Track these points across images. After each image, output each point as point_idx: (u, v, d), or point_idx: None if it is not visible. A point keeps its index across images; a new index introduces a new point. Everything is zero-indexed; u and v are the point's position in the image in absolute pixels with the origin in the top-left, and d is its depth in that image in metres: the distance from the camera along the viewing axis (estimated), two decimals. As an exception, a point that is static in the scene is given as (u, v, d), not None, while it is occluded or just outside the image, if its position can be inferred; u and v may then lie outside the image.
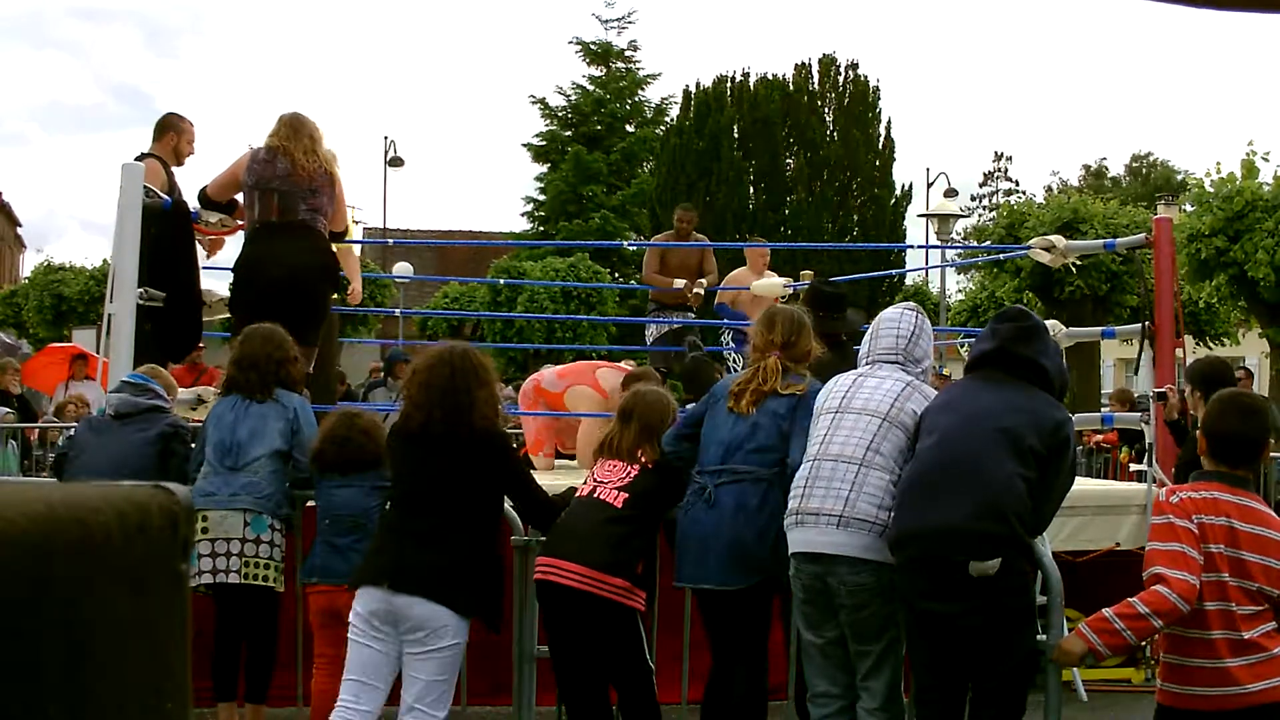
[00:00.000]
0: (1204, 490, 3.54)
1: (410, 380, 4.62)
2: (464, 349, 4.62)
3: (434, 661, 4.30)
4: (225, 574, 4.97)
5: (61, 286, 26.94)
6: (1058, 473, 4.03)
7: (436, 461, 4.43)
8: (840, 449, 4.22)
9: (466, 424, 4.41)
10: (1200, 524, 3.47)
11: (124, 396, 5.42)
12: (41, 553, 0.82)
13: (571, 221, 31.70)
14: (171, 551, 0.96)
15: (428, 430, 4.44)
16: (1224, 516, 3.48)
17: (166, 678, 0.95)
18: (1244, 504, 3.53)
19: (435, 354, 4.58)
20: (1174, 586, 3.39)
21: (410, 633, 4.30)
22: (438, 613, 4.27)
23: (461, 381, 4.44)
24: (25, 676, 0.80)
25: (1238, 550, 3.46)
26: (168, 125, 7.00)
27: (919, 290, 26.55)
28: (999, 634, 3.93)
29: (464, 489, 4.40)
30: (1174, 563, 3.42)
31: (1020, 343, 4.18)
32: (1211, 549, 3.45)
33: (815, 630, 4.29)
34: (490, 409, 4.50)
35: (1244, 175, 16.05)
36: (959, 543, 3.86)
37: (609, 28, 35.38)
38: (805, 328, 4.76)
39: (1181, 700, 3.53)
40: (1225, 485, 3.56)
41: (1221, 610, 3.45)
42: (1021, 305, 4.87)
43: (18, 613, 0.80)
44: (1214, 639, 3.46)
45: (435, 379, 4.46)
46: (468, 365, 4.48)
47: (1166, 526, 3.49)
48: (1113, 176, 54.58)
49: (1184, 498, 3.53)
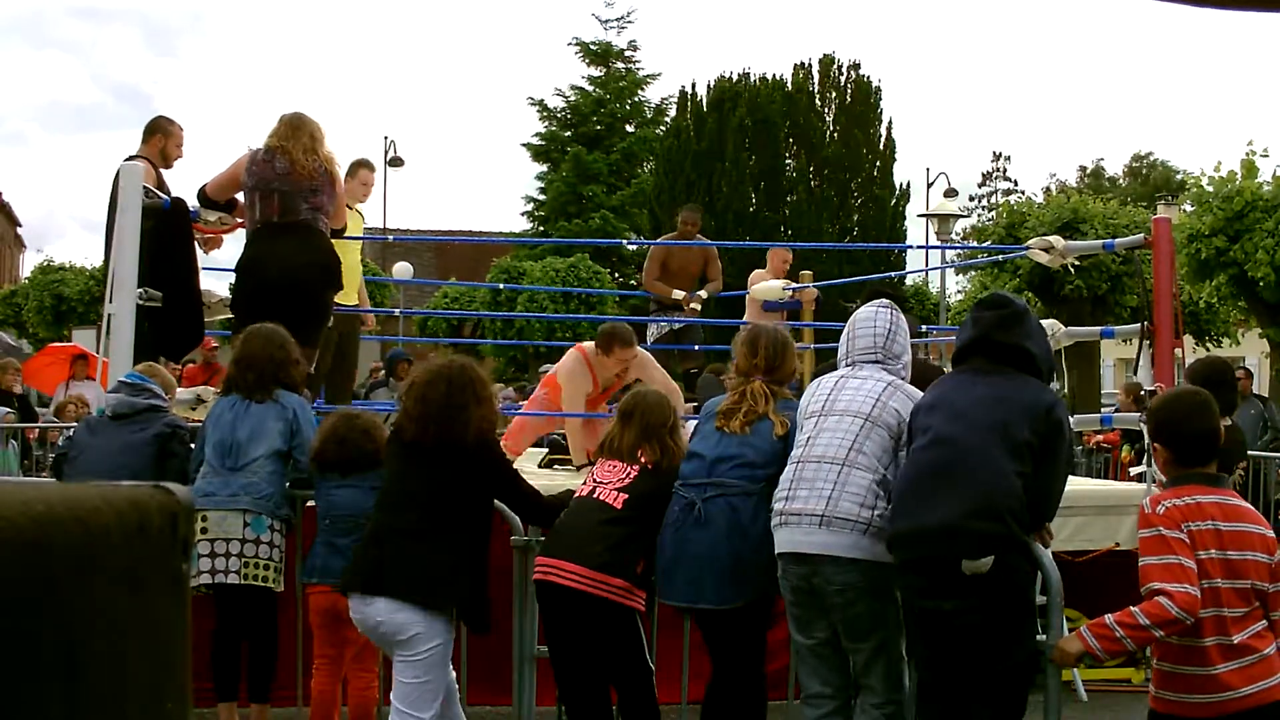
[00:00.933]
0: (1186, 495, 3.52)
1: (407, 393, 4.65)
2: (462, 364, 4.65)
3: (413, 664, 4.32)
4: (224, 574, 4.97)
5: (61, 286, 26.95)
6: (1054, 460, 3.99)
7: (424, 468, 4.46)
8: (823, 450, 4.22)
9: (460, 438, 4.44)
10: (1190, 532, 3.46)
11: (120, 397, 5.41)
12: (41, 553, 0.82)
13: (571, 221, 31.70)
14: (171, 551, 0.96)
15: (420, 443, 4.48)
16: (1209, 520, 3.48)
17: (166, 677, 0.96)
18: (1225, 502, 3.53)
19: (434, 368, 4.61)
20: (1177, 600, 3.38)
21: (390, 638, 4.33)
22: (403, 616, 4.29)
23: (458, 398, 4.46)
24: (25, 676, 0.80)
25: (1225, 551, 3.46)
26: (155, 128, 7.00)
27: (919, 290, 26.54)
28: (996, 633, 3.92)
29: (447, 493, 4.43)
30: (1173, 576, 3.41)
31: (1002, 329, 4.13)
32: (1202, 555, 3.45)
33: (805, 632, 4.30)
34: (486, 424, 4.53)
35: (1244, 175, 16.04)
36: (953, 542, 3.85)
37: (608, 27, 35.42)
38: (789, 347, 4.75)
39: (1174, 707, 3.53)
40: (1204, 486, 3.55)
41: (1214, 616, 3.45)
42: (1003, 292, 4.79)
43: (18, 613, 0.80)
44: (1206, 646, 3.46)
45: (431, 393, 4.48)
46: (464, 380, 4.50)
47: (1158, 539, 3.47)
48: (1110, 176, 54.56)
49: (1170, 506, 3.50)
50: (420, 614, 4.30)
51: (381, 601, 4.32)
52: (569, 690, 4.64)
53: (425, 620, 4.30)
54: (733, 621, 4.41)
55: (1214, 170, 16.37)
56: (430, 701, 4.34)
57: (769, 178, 28.11)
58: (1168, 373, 6.54)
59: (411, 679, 4.32)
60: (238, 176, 6.47)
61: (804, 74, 28.95)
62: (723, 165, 27.58)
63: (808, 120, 28.40)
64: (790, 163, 28.61)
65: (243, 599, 5.09)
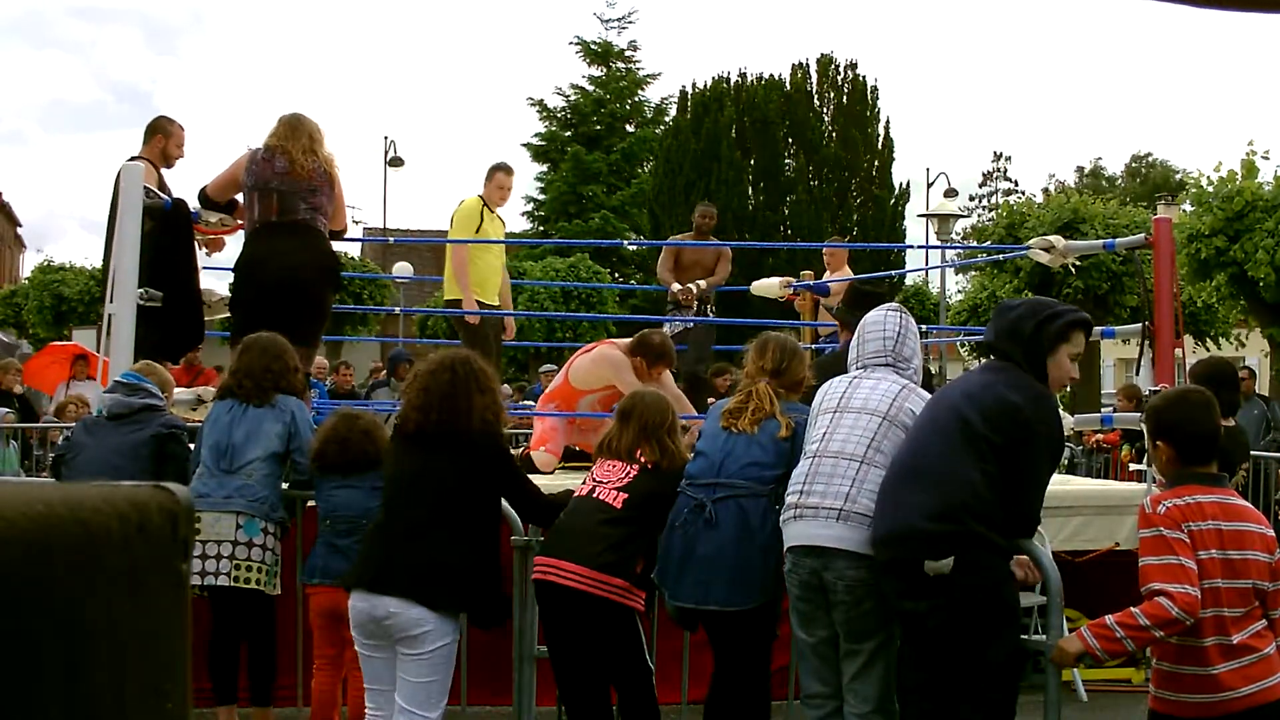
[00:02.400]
0: (1186, 495, 3.52)
1: (411, 383, 4.64)
2: (466, 355, 4.65)
3: (420, 663, 4.29)
4: (215, 576, 4.96)
5: (61, 286, 26.94)
6: (1026, 459, 3.88)
7: (428, 462, 4.43)
8: (841, 446, 4.24)
9: (464, 428, 4.42)
10: (1191, 532, 3.45)
11: (117, 397, 5.39)
12: (41, 553, 0.82)
13: (571, 221, 31.71)
14: (171, 551, 0.96)
15: (423, 431, 4.46)
16: (1210, 520, 3.48)
17: (166, 678, 0.95)
18: (1225, 502, 3.53)
19: (438, 359, 4.60)
20: (1177, 600, 3.38)
21: (398, 633, 4.30)
22: (415, 613, 4.26)
23: (462, 387, 4.45)
24: (25, 676, 0.80)
25: (1226, 551, 3.46)
26: (156, 128, 6.99)
27: (919, 290, 26.54)
28: (969, 632, 3.90)
29: (452, 488, 4.40)
30: (1173, 577, 3.41)
31: (991, 328, 4.16)
32: (1203, 556, 3.45)
33: (808, 629, 4.30)
34: (490, 414, 4.50)
35: (1244, 175, 16.05)
36: (916, 544, 3.87)
37: (609, 27, 35.43)
38: (798, 355, 4.78)
39: (1174, 707, 3.53)
40: (1204, 486, 3.55)
41: (1214, 617, 3.45)
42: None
43: (18, 613, 0.80)
44: (1205, 646, 3.46)
45: (435, 383, 4.47)
46: (469, 371, 4.50)
47: (1158, 540, 3.47)
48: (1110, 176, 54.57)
49: (1170, 506, 3.50)
50: (431, 612, 4.28)
51: (391, 598, 4.30)
52: (569, 690, 4.64)
53: (436, 619, 4.28)
54: (740, 624, 4.41)
55: (1214, 170, 16.38)
56: (437, 701, 4.33)
57: (768, 178, 28.13)
58: (1168, 373, 6.55)
59: (418, 678, 4.30)
60: (237, 176, 6.48)
61: (802, 74, 28.97)
62: (721, 165, 27.59)
63: (806, 120, 28.42)
64: (789, 163, 28.62)
65: (237, 601, 5.08)
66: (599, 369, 7.17)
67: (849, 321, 5.71)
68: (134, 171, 6.44)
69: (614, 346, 7.21)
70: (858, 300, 5.79)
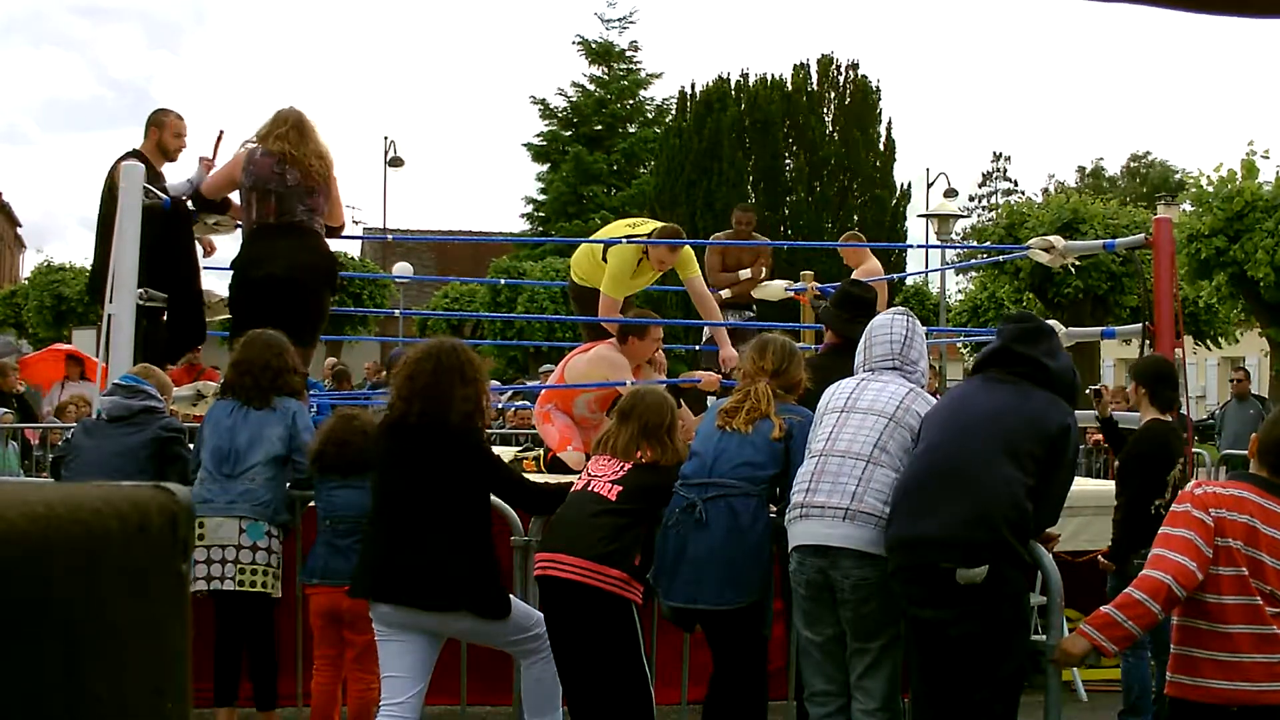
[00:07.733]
0: (1232, 488, 3.54)
1: (398, 372, 4.64)
2: (452, 345, 4.60)
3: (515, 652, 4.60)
4: (221, 580, 4.97)
5: (61, 286, 26.95)
6: (1058, 470, 4.03)
7: (413, 458, 4.44)
8: (848, 445, 4.24)
9: (444, 417, 4.41)
10: (1218, 518, 3.45)
11: (116, 399, 5.38)
12: (41, 553, 0.82)
13: (572, 222, 31.69)
14: (172, 552, 0.96)
15: (406, 422, 4.46)
16: (1247, 515, 3.47)
17: (166, 678, 0.96)
18: (1269, 507, 3.51)
19: (424, 348, 4.59)
20: (1165, 567, 3.39)
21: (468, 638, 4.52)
22: (466, 623, 4.40)
23: (445, 377, 4.43)
24: (25, 676, 0.80)
25: (1257, 551, 3.45)
26: (151, 122, 6.93)
27: (919, 291, 26.53)
28: (991, 641, 3.92)
29: (441, 486, 4.40)
30: (1173, 547, 3.43)
31: (1021, 342, 4.19)
32: (1229, 543, 3.44)
33: (813, 628, 4.30)
34: (469, 405, 4.46)
35: (1244, 175, 16.05)
36: (949, 551, 3.87)
37: (610, 27, 35.42)
38: (797, 357, 4.78)
39: (1189, 691, 3.51)
40: (1257, 488, 3.54)
41: (1246, 605, 3.43)
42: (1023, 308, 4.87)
43: (18, 613, 0.80)
44: (1232, 633, 3.43)
45: (418, 372, 4.47)
46: (453, 362, 4.47)
47: (1180, 513, 3.50)
48: (1110, 176, 54.56)
49: (1207, 491, 3.53)
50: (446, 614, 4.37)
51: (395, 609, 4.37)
52: (570, 688, 4.63)
53: (469, 617, 4.38)
54: (732, 622, 4.41)
55: (1214, 170, 16.39)
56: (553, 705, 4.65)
57: (769, 178, 28.10)
58: (1168, 373, 6.53)
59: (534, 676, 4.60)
60: (234, 176, 6.43)
61: (803, 74, 28.95)
62: (722, 165, 27.58)
63: (807, 120, 28.40)
64: (790, 163, 28.60)
65: (240, 605, 5.08)
66: (596, 369, 7.16)
67: (831, 321, 5.70)
68: (134, 171, 6.41)
69: (612, 347, 7.20)
70: (845, 301, 5.77)
